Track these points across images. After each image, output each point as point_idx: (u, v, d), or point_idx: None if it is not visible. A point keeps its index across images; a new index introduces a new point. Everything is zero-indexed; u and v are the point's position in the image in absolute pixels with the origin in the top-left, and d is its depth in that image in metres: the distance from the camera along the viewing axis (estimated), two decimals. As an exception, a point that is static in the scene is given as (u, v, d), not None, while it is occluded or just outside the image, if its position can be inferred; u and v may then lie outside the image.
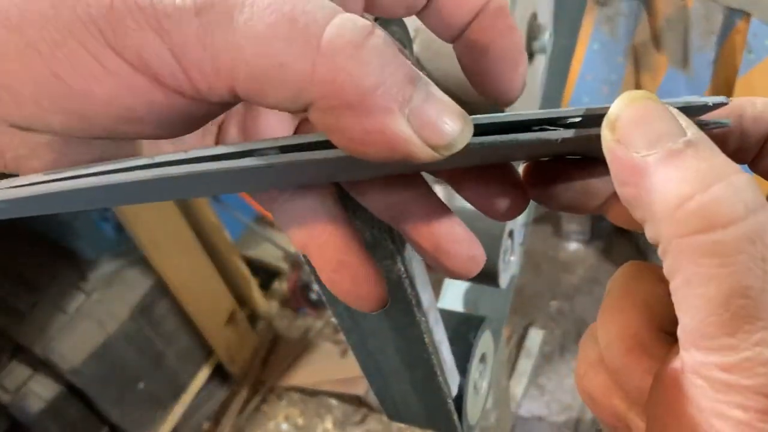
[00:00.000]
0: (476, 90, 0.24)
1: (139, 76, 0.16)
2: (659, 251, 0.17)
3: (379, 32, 0.16)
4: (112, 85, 0.16)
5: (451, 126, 0.17)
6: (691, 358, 0.17)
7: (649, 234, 0.18)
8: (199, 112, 0.18)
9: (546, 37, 0.46)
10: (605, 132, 0.18)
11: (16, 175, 0.17)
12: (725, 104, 0.20)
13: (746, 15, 1.27)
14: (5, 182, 0.17)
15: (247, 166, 0.17)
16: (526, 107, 0.50)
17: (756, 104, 0.22)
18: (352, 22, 0.16)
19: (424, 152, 0.16)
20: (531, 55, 0.48)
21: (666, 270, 0.17)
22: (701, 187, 0.16)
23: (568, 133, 0.19)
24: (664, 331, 0.21)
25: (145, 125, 0.17)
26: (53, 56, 0.16)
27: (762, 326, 0.15)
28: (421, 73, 0.17)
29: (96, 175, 0.16)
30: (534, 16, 0.46)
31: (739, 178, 0.16)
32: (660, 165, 0.17)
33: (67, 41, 0.15)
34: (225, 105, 0.18)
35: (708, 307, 0.16)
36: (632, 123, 0.18)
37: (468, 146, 0.17)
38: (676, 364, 0.18)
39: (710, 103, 0.20)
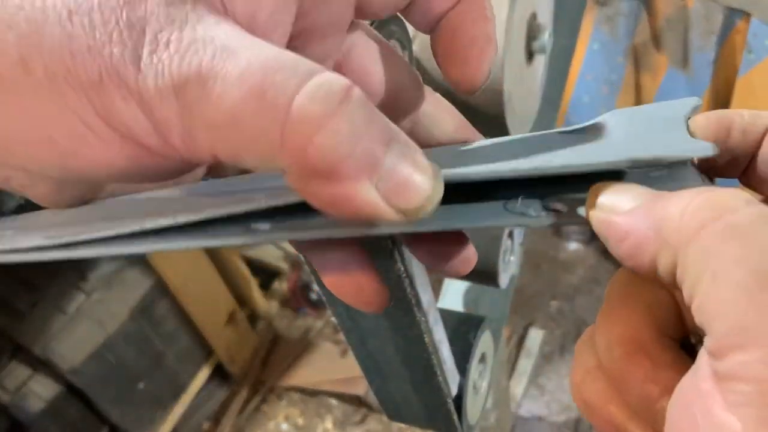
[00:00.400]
0: (443, 75, 0.24)
1: (127, 143, 0.17)
2: (678, 276, 0.17)
3: (355, 93, 0.16)
4: (103, 150, 0.17)
5: (421, 188, 0.16)
6: (732, 362, 0.15)
7: (664, 266, 0.17)
8: (187, 168, 0.20)
9: (546, 37, 0.46)
10: (592, 213, 0.19)
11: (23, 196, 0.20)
12: (711, 156, 0.20)
13: (746, 15, 1.27)
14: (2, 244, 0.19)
15: (234, 245, 0.19)
16: (526, 107, 0.50)
17: (744, 116, 0.22)
18: (327, 86, 0.16)
19: (391, 216, 0.16)
20: (531, 55, 0.48)
21: (688, 289, 0.16)
22: (697, 193, 0.17)
23: (549, 221, 0.20)
24: (667, 335, 0.20)
25: (136, 178, 0.19)
26: (48, 121, 0.17)
27: None
28: (398, 129, 0.17)
29: (87, 246, 0.18)
30: (534, 16, 0.46)
31: (727, 188, 0.17)
32: (652, 203, 0.18)
33: (61, 108, 0.16)
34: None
35: (743, 296, 0.15)
36: (613, 197, 0.19)
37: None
38: (704, 374, 0.16)
39: (695, 160, 0.21)
